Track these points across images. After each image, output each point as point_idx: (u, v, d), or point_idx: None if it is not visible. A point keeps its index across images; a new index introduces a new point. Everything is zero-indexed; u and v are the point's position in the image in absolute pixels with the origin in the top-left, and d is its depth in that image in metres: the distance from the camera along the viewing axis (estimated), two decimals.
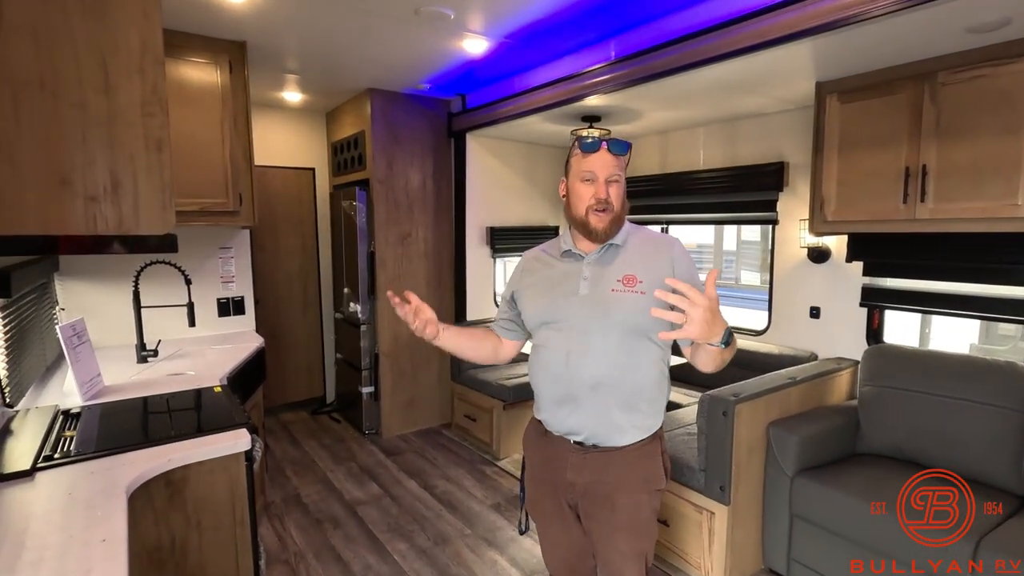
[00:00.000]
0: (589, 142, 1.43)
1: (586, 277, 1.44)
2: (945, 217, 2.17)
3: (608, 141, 1.42)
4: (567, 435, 1.46)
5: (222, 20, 2.55)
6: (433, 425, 4.24)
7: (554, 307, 1.45)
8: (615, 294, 1.39)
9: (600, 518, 1.46)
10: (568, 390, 1.42)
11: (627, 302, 1.37)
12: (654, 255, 1.43)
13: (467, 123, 3.83)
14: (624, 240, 1.46)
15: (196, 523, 1.53)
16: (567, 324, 1.42)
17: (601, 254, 1.46)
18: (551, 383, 1.45)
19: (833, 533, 2.12)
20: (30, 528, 1.11)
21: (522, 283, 1.57)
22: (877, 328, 2.80)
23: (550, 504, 1.54)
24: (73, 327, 1.95)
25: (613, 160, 1.42)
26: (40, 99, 1.41)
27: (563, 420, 1.45)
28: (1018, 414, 2.07)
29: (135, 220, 1.55)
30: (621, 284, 1.39)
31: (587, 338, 1.40)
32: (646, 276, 1.39)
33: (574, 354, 1.40)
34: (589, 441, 1.43)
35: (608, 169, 1.41)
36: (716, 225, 9.04)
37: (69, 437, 1.56)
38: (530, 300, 1.53)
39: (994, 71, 1.99)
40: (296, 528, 2.81)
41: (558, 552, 1.60)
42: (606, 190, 1.40)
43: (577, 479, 1.45)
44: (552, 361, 1.44)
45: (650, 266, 1.41)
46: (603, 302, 1.39)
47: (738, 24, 2.09)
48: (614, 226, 1.43)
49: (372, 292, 3.97)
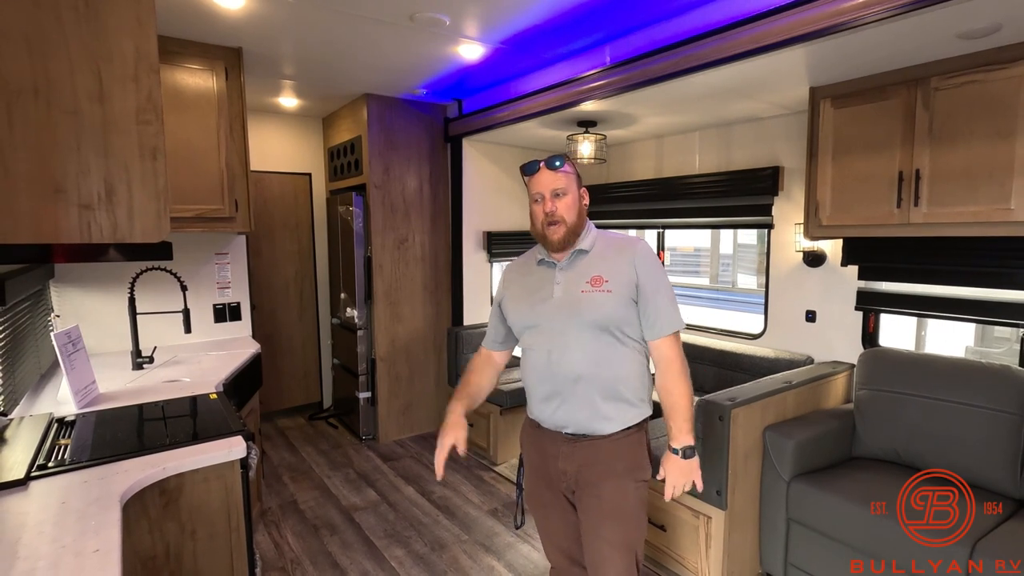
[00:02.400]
0: (528, 164, 1.57)
1: (559, 282, 1.57)
2: (939, 221, 2.18)
3: (545, 160, 1.55)
4: (557, 428, 1.58)
5: (218, 26, 2.55)
6: (430, 430, 4.22)
7: (533, 312, 1.58)
8: (584, 295, 1.51)
9: (588, 507, 1.56)
10: (553, 386, 1.54)
11: (595, 301, 1.50)
12: (617, 256, 1.55)
13: (463, 128, 3.84)
14: (591, 245, 1.59)
15: (191, 531, 1.52)
16: (546, 326, 1.55)
17: (571, 260, 1.58)
18: (538, 382, 1.58)
19: (830, 537, 2.12)
20: (23, 538, 1.10)
21: (506, 293, 1.70)
22: (872, 332, 2.80)
23: (548, 495, 1.65)
24: (68, 334, 1.94)
25: (554, 176, 1.53)
26: (34, 107, 1.41)
27: (552, 414, 1.57)
28: (1013, 417, 2.07)
29: (129, 228, 1.54)
30: (589, 285, 1.52)
31: (564, 337, 1.52)
32: (611, 276, 1.51)
33: (555, 352, 1.53)
34: (578, 431, 1.55)
35: (552, 185, 1.53)
36: (712, 229, 9.07)
37: (63, 445, 1.56)
38: (513, 307, 1.65)
39: (985, 76, 2.01)
40: (293, 535, 2.80)
41: (557, 541, 1.71)
42: (553, 205, 1.52)
43: (568, 467, 1.56)
44: (537, 361, 1.57)
45: (614, 267, 1.53)
46: (574, 303, 1.52)
47: (733, 30, 2.10)
48: (571, 235, 1.54)
49: (369, 297, 3.96)
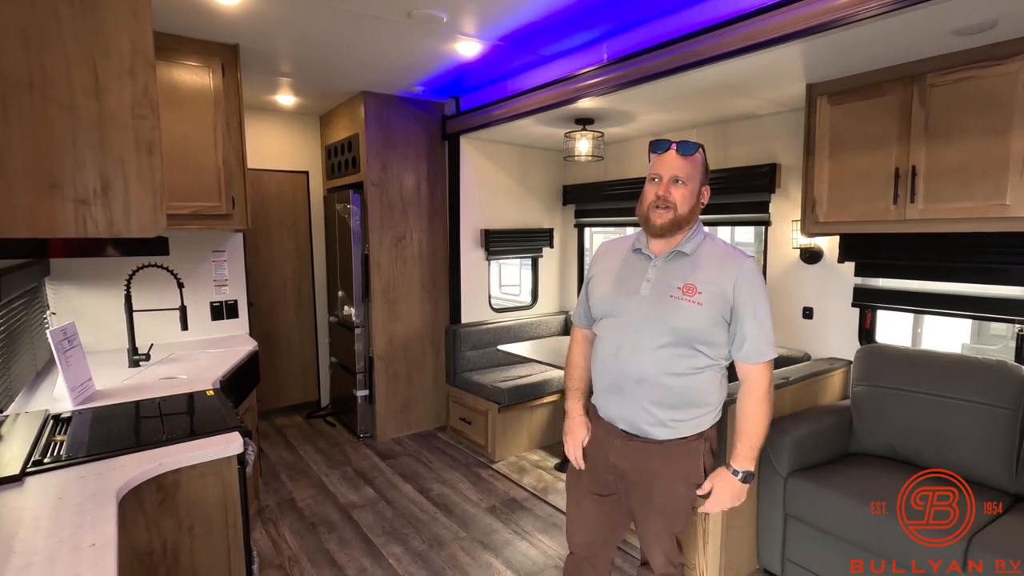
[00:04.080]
0: (658, 141, 1.50)
1: (649, 279, 1.50)
2: (935, 217, 2.18)
3: (678, 143, 1.47)
4: (611, 421, 1.58)
5: (214, 23, 2.55)
6: (428, 428, 4.23)
7: (615, 301, 1.54)
8: (672, 300, 1.45)
9: (638, 500, 1.58)
10: (615, 380, 1.53)
11: (682, 310, 1.43)
12: (719, 270, 1.46)
13: (461, 126, 3.84)
14: (694, 250, 1.49)
15: (188, 528, 1.52)
16: (624, 320, 1.51)
17: (668, 259, 1.51)
18: (603, 372, 1.58)
19: (826, 533, 2.12)
20: (19, 534, 1.10)
21: (594, 269, 1.67)
22: (869, 328, 2.81)
23: (590, 480, 1.65)
24: (64, 331, 1.94)
25: (680, 162, 1.46)
26: (29, 101, 1.40)
27: (607, 406, 1.58)
28: (1009, 412, 2.08)
29: (126, 223, 1.54)
30: (680, 292, 1.44)
31: (639, 336, 1.48)
32: (706, 288, 1.43)
33: (624, 349, 1.50)
34: (631, 430, 1.54)
35: (673, 170, 1.46)
36: (709, 227, 9.07)
37: (59, 442, 1.55)
38: (596, 289, 1.62)
39: (981, 72, 2.01)
40: (290, 532, 2.80)
41: (584, 527, 1.71)
42: (667, 189, 1.45)
43: (619, 463, 1.56)
44: (606, 353, 1.55)
45: (713, 280, 1.44)
46: (659, 305, 1.46)
47: (729, 26, 2.10)
48: (675, 226, 1.46)
49: (366, 295, 3.96)
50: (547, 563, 2.53)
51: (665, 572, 1.66)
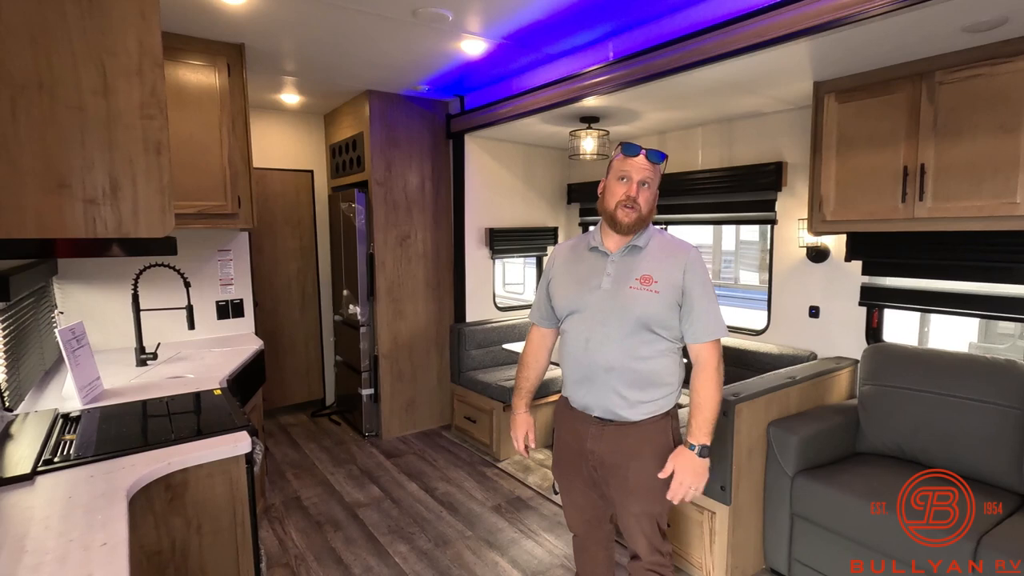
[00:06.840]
0: (629, 145, 1.60)
1: (609, 273, 1.61)
2: (943, 216, 2.17)
3: (648, 150, 1.59)
4: (585, 410, 1.67)
5: (220, 22, 2.55)
6: (433, 427, 4.23)
7: (579, 298, 1.64)
8: (632, 291, 1.57)
9: (615, 484, 1.65)
10: (586, 372, 1.62)
11: (642, 299, 1.55)
12: (669, 259, 1.60)
13: (465, 124, 3.83)
14: (646, 243, 1.63)
15: (196, 526, 1.53)
16: (590, 315, 1.61)
17: (624, 254, 1.63)
18: (573, 366, 1.66)
19: (834, 533, 2.12)
20: (30, 532, 1.10)
21: (553, 275, 1.76)
22: (876, 327, 2.80)
23: (573, 470, 1.74)
24: (72, 330, 1.94)
25: (648, 166, 1.59)
26: (38, 101, 1.41)
27: (581, 397, 1.66)
28: (1017, 412, 2.07)
29: (134, 223, 1.54)
30: (638, 283, 1.57)
31: (605, 328, 1.58)
32: (661, 277, 1.57)
33: (592, 341, 1.60)
34: (606, 416, 1.63)
35: (642, 173, 1.58)
36: (715, 225, 9.06)
37: (69, 441, 1.56)
38: (560, 292, 1.71)
39: (991, 70, 1.99)
40: (296, 531, 2.81)
41: (578, 513, 1.82)
42: (636, 190, 1.57)
43: (596, 448, 1.65)
44: (575, 347, 1.65)
45: (665, 269, 1.58)
46: (621, 297, 1.57)
47: (736, 24, 2.09)
48: (638, 224, 1.59)
49: (371, 294, 3.96)
50: (553, 562, 2.53)
51: (651, 560, 1.69)
